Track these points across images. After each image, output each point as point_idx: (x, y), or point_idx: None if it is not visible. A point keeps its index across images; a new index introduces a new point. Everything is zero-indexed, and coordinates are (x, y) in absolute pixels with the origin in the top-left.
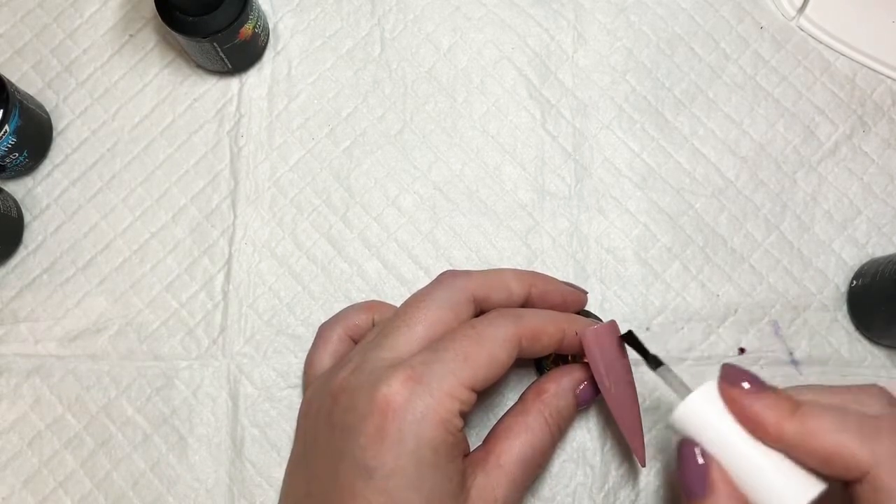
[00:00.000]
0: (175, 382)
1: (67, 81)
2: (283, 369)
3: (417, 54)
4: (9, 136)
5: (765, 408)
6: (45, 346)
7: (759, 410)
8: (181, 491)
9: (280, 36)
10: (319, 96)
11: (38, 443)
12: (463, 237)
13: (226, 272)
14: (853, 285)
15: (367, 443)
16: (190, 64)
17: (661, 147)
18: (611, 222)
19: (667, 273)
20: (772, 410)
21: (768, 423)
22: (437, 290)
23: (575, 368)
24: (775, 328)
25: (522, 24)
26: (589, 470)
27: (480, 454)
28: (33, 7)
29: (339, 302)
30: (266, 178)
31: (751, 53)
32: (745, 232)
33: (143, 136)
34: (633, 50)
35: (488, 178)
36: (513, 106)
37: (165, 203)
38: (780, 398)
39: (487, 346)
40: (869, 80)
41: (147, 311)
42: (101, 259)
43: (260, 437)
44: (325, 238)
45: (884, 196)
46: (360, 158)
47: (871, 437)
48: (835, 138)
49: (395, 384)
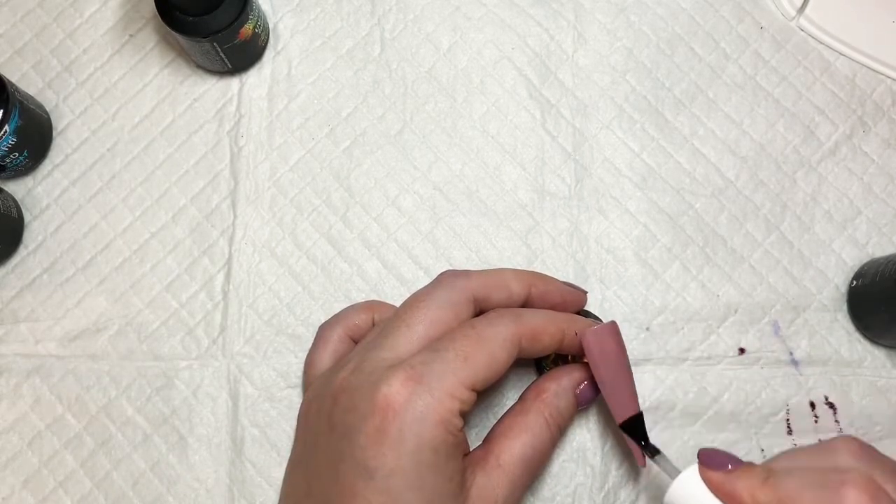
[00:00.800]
0: (175, 382)
1: (67, 81)
2: (283, 369)
3: (417, 54)
4: (9, 136)
5: (738, 482)
6: (45, 346)
7: (733, 487)
8: (181, 491)
9: (280, 36)
10: (319, 96)
11: (38, 443)
12: (463, 237)
13: (226, 272)
14: (853, 285)
15: (368, 443)
16: (190, 64)
17: (661, 147)
18: (611, 222)
19: (667, 273)
20: (745, 482)
21: (744, 496)
22: (437, 290)
23: (575, 368)
24: (775, 328)
25: (522, 24)
26: (589, 470)
27: (480, 454)
28: (33, 7)
29: (339, 302)
30: (266, 178)
31: (751, 53)
32: (745, 232)
33: (143, 136)
34: (633, 50)
35: (488, 178)
36: (513, 106)
37: (165, 203)
38: (753, 471)
39: (487, 346)
40: (869, 80)
41: (147, 311)
42: (101, 259)
43: (260, 437)
44: (325, 238)
45: (884, 196)
46: (360, 158)
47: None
48: (835, 138)
49: (395, 384)
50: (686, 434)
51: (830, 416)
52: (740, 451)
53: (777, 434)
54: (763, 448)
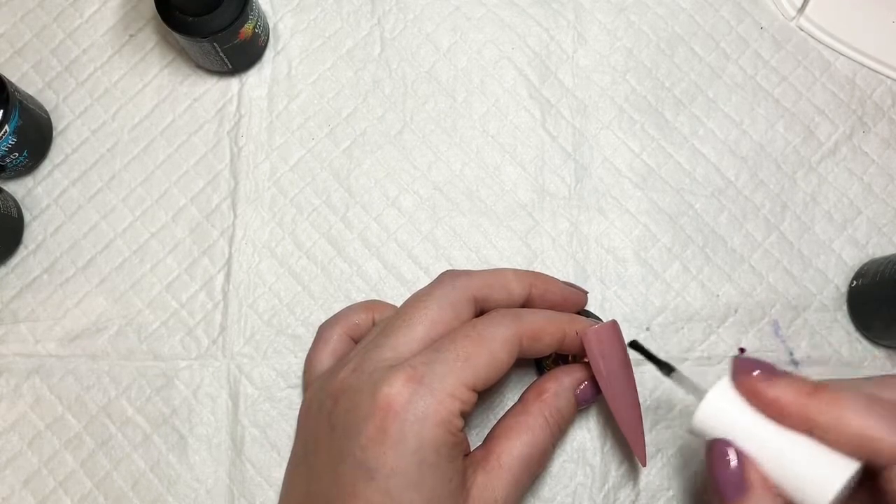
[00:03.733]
0: (175, 382)
1: (67, 81)
2: (283, 369)
3: (417, 54)
4: (9, 136)
5: (783, 389)
6: (45, 346)
7: (778, 394)
8: (181, 491)
9: (280, 36)
10: (319, 96)
11: (38, 443)
12: (463, 237)
13: (226, 272)
14: (853, 285)
15: (368, 443)
16: (190, 64)
17: (661, 147)
18: (611, 222)
19: (667, 273)
20: (790, 389)
21: (789, 404)
22: (438, 289)
23: (575, 368)
24: (775, 328)
25: (522, 24)
26: (589, 470)
27: (481, 454)
28: (33, 7)
29: (339, 302)
30: (266, 178)
31: (751, 53)
32: (745, 232)
33: (143, 136)
34: (633, 50)
35: (488, 178)
36: (513, 106)
37: (165, 203)
38: (796, 379)
39: (488, 346)
40: (869, 80)
41: (147, 311)
42: (101, 259)
43: (260, 437)
44: (325, 238)
45: (884, 196)
46: (360, 158)
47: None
48: (835, 138)
49: (396, 384)
50: (686, 434)
51: None
52: None
53: None
54: None
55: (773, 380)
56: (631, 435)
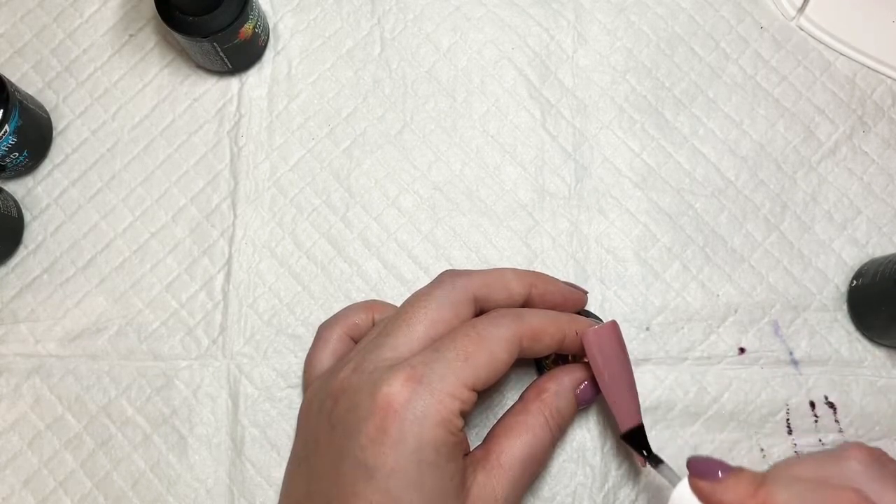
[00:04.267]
0: (175, 382)
1: (67, 81)
2: (283, 369)
3: (417, 54)
4: (9, 136)
5: (727, 492)
6: (45, 346)
7: (721, 498)
8: (181, 491)
9: (280, 36)
10: (319, 96)
11: (38, 443)
12: (463, 237)
13: (226, 272)
14: (853, 285)
15: (368, 443)
16: (190, 64)
17: (661, 147)
18: (611, 222)
19: (667, 273)
20: (734, 492)
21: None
22: (438, 289)
23: (575, 368)
24: (775, 328)
25: (522, 24)
26: (589, 470)
27: (481, 454)
28: (33, 7)
29: (339, 302)
30: (266, 178)
31: (751, 53)
32: (745, 232)
33: (143, 136)
34: (633, 50)
35: (488, 178)
36: (513, 106)
37: (165, 203)
38: (742, 480)
39: (488, 345)
40: (869, 80)
41: (147, 311)
42: (101, 259)
43: (260, 437)
44: (325, 238)
45: (884, 196)
46: (360, 158)
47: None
48: (835, 138)
49: (395, 384)
50: (686, 434)
51: (830, 416)
52: (740, 451)
53: (777, 434)
54: (763, 448)
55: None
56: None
